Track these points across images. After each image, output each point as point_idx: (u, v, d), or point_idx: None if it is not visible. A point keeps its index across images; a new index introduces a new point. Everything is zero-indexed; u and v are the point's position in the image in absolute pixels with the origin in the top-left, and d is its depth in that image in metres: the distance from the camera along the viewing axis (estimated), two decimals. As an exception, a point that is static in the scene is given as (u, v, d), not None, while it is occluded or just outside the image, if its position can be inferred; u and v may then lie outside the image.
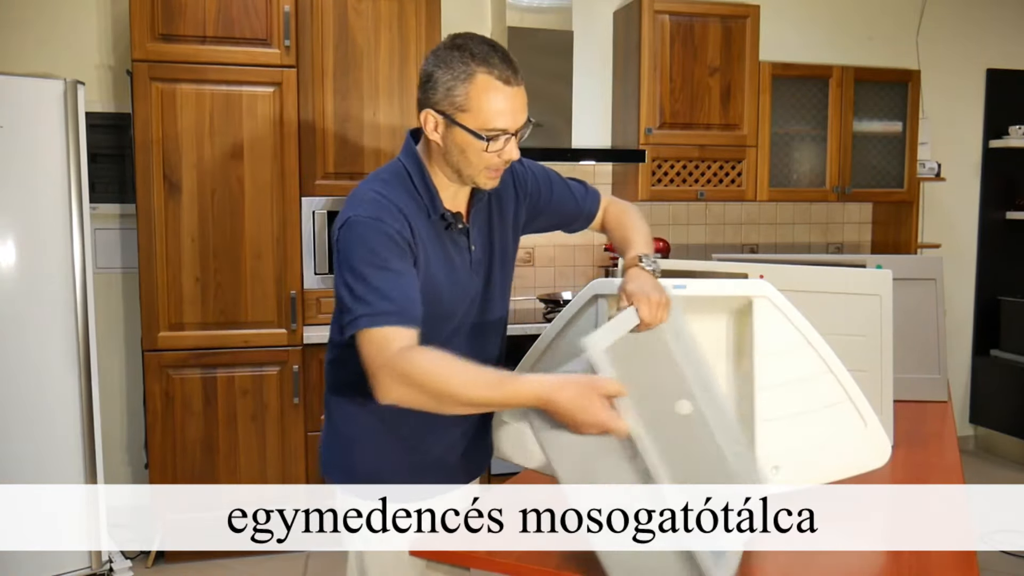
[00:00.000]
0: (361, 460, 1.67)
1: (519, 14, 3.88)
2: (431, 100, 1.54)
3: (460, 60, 1.50)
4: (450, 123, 1.53)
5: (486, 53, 1.50)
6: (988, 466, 4.80)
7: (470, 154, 1.54)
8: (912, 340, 2.47)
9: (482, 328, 1.71)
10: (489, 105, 1.50)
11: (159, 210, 3.28)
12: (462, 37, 1.53)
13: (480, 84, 1.49)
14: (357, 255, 1.48)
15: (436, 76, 1.52)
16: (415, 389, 1.40)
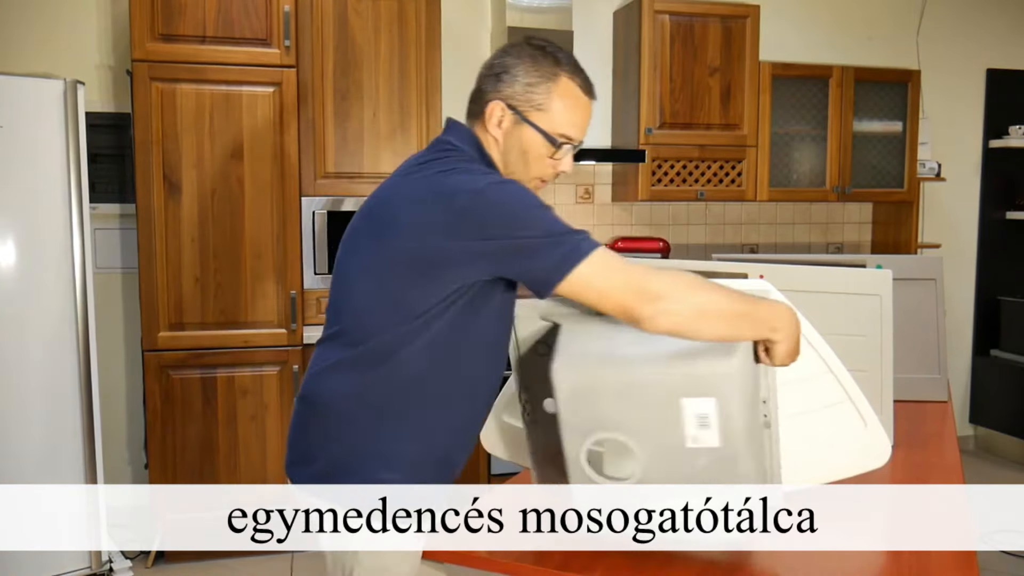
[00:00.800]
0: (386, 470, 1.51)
1: (519, 14, 3.88)
2: (504, 92, 1.49)
3: (545, 60, 1.48)
4: (520, 120, 1.49)
5: (570, 60, 1.50)
6: (988, 466, 4.80)
7: (530, 157, 1.51)
8: (912, 340, 2.47)
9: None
10: (567, 110, 1.49)
11: (159, 210, 3.28)
12: (542, 40, 1.52)
13: (564, 87, 1.48)
14: (526, 201, 1.39)
15: (516, 70, 1.48)
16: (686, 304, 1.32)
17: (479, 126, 1.54)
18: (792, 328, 1.38)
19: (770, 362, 1.39)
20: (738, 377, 1.34)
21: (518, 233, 1.36)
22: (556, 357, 1.39)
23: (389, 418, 1.48)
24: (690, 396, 1.33)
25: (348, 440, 1.50)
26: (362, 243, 1.51)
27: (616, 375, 1.37)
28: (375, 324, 1.46)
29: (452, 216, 1.36)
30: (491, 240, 1.36)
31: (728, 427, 1.34)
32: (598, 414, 1.38)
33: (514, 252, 1.36)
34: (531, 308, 1.53)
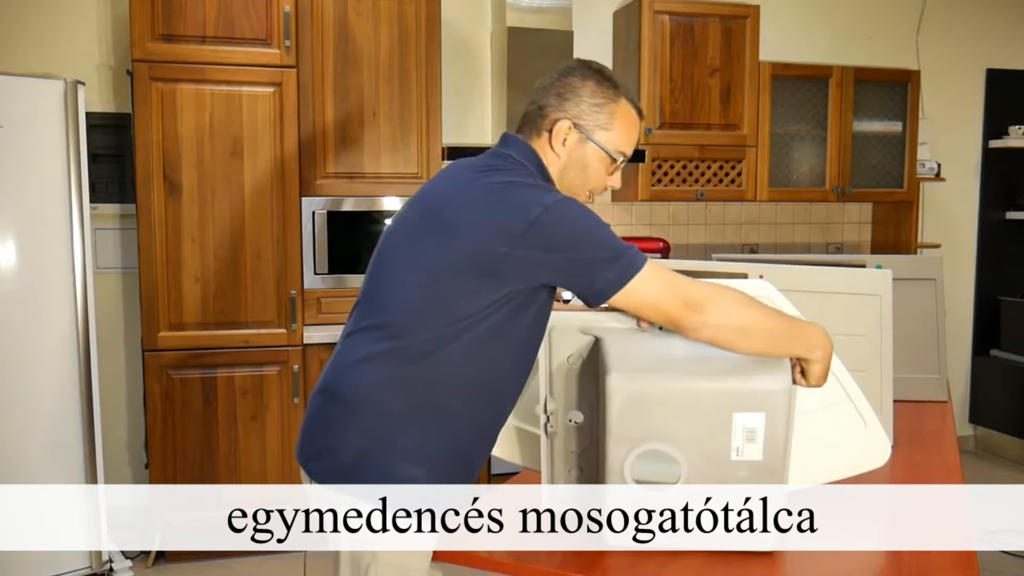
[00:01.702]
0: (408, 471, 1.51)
1: (519, 14, 3.88)
2: (571, 112, 1.59)
3: (606, 83, 1.60)
4: (585, 139, 1.59)
5: (624, 84, 1.63)
6: (988, 466, 4.80)
7: (590, 172, 1.61)
8: (912, 340, 2.47)
9: None
10: (627, 130, 1.61)
11: (159, 210, 3.28)
12: (597, 65, 1.63)
13: (624, 109, 1.61)
14: (586, 221, 1.46)
15: (582, 91, 1.59)
16: (729, 319, 1.43)
17: (538, 141, 1.62)
18: (827, 349, 1.48)
19: (805, 383, 1.48)
20: (786, 394, 1.42)
21: (584, 248, 1.45)
22: (611, 370, 1.44)
23: (418, 413, 1.50)
24: (741, 410, 1.40)
25: (374, 432, 1.50)
26: (418, 241, 1.52)
27: (671, 387, 1.42)
28: (420, 321, 1.48)
29: (522, 227, 1.42)
30: (557, 252, 1.44)
31: (771, 441, 1.42)
32: (649, 424, 1.43)
33: (578, 266, 1.45)
34: (568, 321, 1.55)
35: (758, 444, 1.41)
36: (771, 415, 1.41)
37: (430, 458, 1.51)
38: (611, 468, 1.45)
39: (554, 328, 1.56)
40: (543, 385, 1.59)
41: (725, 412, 1.41)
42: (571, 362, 1.56)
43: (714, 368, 1.43)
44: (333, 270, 3.54)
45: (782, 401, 1.41)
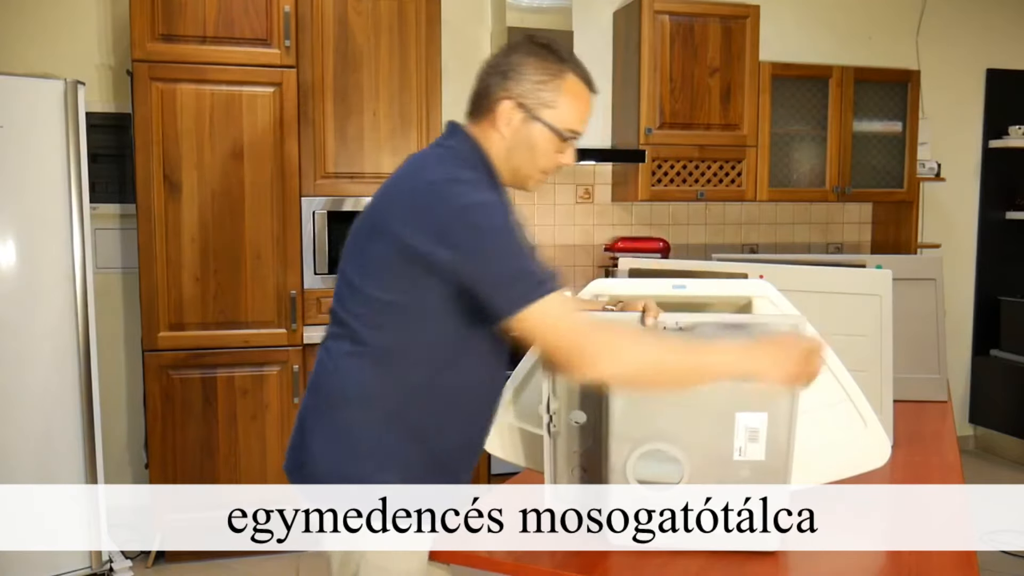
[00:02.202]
0: (380, 470, 1.51)
1: (519, 14, 3.88)
2: (513, 91, 1.53)
3: (550, 57, 1.53)
4: (530, 118, 1.53)
5: (573, 57, 1.56)
6: (988, 466, 4.80)
7: (537, 152, 1.56)
8: (912, 340, 2.47)
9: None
10: (574, 106, 1.54)
11: (159, 210, 3.28)
12: (544, 38, 1.57)
13: (570, 84, 1.53)
14: (498, 233, 1.41)
15: (524, 68, 1.52)
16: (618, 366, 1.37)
17: (483, 124, 1.57)
18: (777, 366, 1.38)
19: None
20: (789, 395, 1.42)
21: (492, 261, 1.40)
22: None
23: (392, 419, 1.50)
24: (743, 410, 1.41)
25: (347, 439, 1.51)
26: (361, 239, 1.54)
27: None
28: (375, 321, 1.49)
29: (439, 227, 1.40)
30: (468, 258, 1.40)
31: (774, 441, 1.42)
32: (652, 425, 1.43)
33: (485, 277, 1.40)
34: None
35: (760, 444, 1.41)
36: (774, 415, 1.41)
37: (406, 465, 1.51)
38: (613, 468, 1.45)
39: None
40: (546, 385, 1.59)
41: (727, 412, 1.41)
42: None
43: None
44: (333, 270, 3.54)
45: (784, 401, 1.41)
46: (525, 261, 1.41)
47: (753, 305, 1.67)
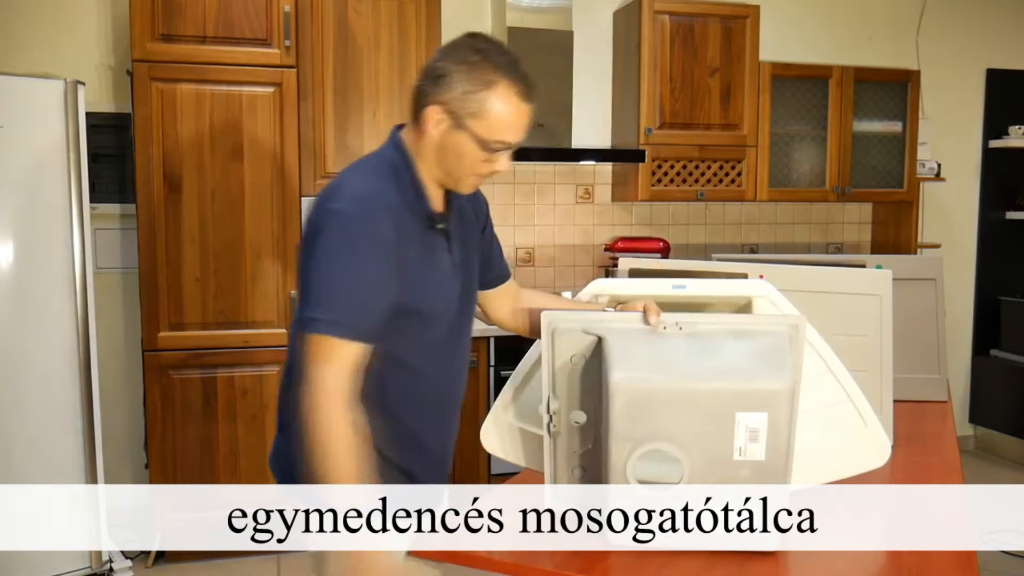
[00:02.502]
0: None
1: (519, 14, 3.88)
2: (442, 97, 1.49)
3: (483, 66, 1.48)
4: (456, 125, 1.50)
5: (508, 65, 1.49)
6: (988, 466, 4.80)
7: (467, 160, 1.53)
8: (912, 340, 2.47)
9: (463, 334, 1.70)
10: (503, 118, 1.49)
11: (159, 210, 3.28)
12: (482, 40, 1.52)
13: (499, 95, 1.48)
14: (329, 248, 1.44)
15: (453, 75, 1.48)
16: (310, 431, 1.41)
17: (417, 128, 1.56)
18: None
19: None
20: (789, 394, 1.41)
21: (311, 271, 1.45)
22: (614, 369, 1.43)
23: None
24: (744, 410, 1.40)
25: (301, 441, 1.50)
26: None
27: (673, 387, 1.42)
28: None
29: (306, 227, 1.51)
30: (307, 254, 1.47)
31: (774, 441, 1.41)
32: (652, 425, 1.42)
33: (298, 276, 1.49)
34: (571, 321, 1.55)
35: (761, 444, 1.41)
36: (774, 415, 1.41)
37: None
38: (614, 468, 1.45)
39: (557, 328, 1.56)
40: (546, 385, 1.59)
41: (728, 412, 1.41)
42: (574, 362, 1.56)
43: (717, 368, 1.43)
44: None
45: (785, 401, 1.41)
46: (336, 290, 1.42)
47: (753, 305, 1.67)
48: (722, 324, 1.50)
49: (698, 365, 1.44)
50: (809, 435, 1.62)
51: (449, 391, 1.70)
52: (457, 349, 1.69)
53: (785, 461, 1.44)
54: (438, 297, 1.60)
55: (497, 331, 3.60)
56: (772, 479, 1.43)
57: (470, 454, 3.58)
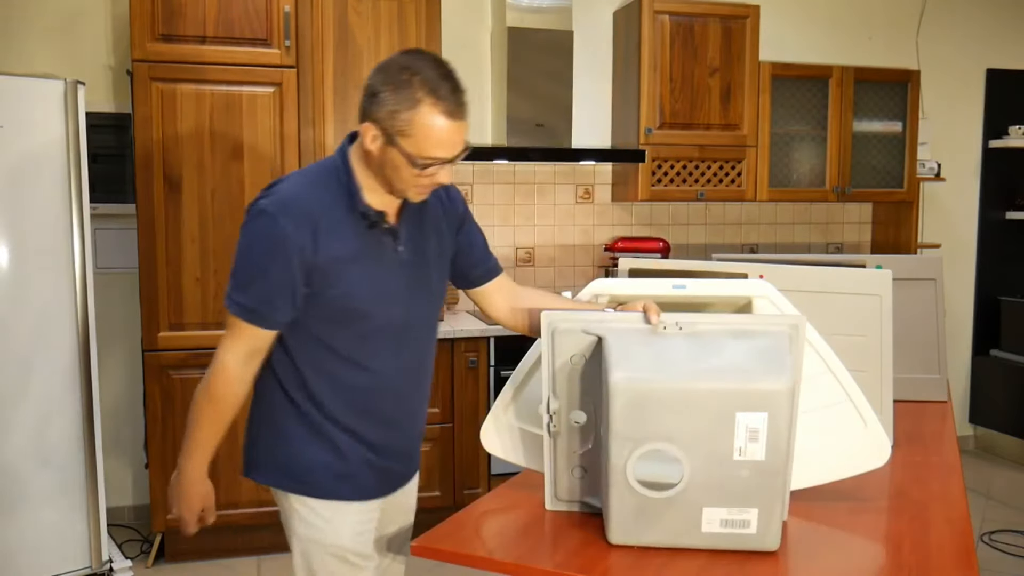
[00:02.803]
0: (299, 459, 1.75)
1: (519, 14, 3.88)
2: (374, 115, 1.54)
3: (408, 85, 1.51)
4: (389, 142, 1.54)
5: (436, 82, 1.51)
6: (988, 466, 4.80)
7: (401, 172, 1.57)
8: (912, 340, 2.47)
9: (411, 331, 1.72)
10: (430, 136, 1.52)
11: (159, 210, 3.28)
12: (414, 58, 1.55)
13: (424, 115, 1.51)
14: (245, 241, 1.58)
15: (382, 95, 1.52)
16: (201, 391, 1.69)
17: (361, 140, 1.61)
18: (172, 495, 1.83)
19: None
20: (789, 394, 1.41)
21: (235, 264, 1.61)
22: (614, 370, 1.43)
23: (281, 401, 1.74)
24: (744, 410, 1.40)
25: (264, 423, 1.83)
26: None
27: (673, 387, 1.42)
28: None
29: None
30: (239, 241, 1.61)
31: (774, 441, 1.41)
32: (652, 425, 1.43)
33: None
34: (571, 321, 1.55)
35: (761, 444, 1.41)
36: (774, 415, 1.41)
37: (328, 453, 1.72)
38: (614, 468, 1.45)
39: (557, 328, 1.57)
40: (546, 385, 1.59)
41: (728, 412, 1.41)
42: (574, 362, 1.57)
43: (717, 368, 1.43)
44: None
45: (785, 401, 1.41)
46: (245, 279, 1.58)
47: (753, 305, 1.67)
48: (722, 324, 1.50)
49: (698, 365, 1.44)
50: (809, 435, 1.62)
51: (395, 384, 1.72)
52: (405, 344, 1.71)
53: (785, 461, 1.44)
54: (371, 293, 1.63)
55: (497, 331, 3.60)
56: (772, 479, 1.43)
57: (470, 454, 3.58)
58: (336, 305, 1.61)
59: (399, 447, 1.78)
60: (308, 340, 1.65)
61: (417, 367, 1.77)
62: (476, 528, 1.63)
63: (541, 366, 1.60)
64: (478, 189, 4.15)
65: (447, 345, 3.53)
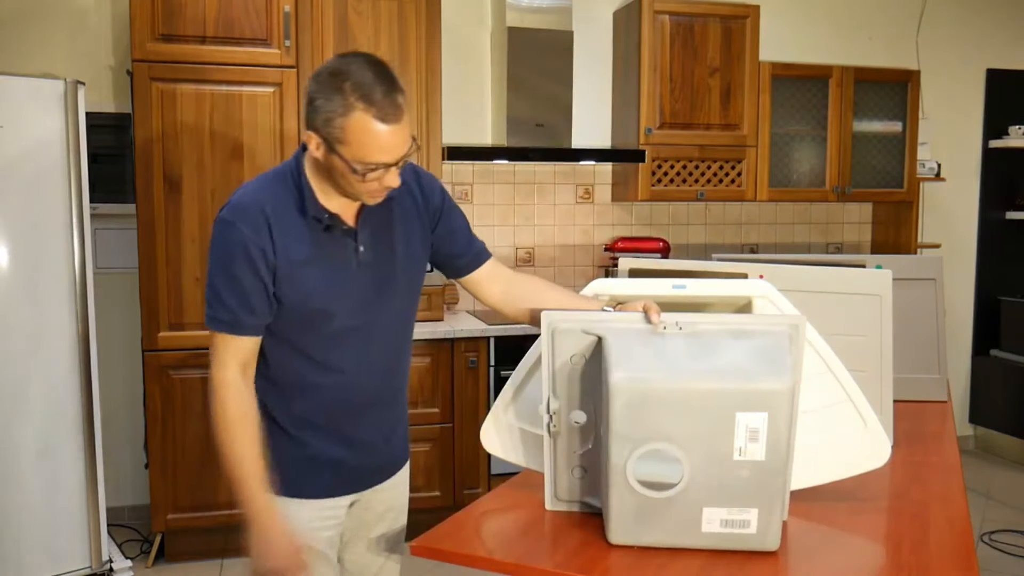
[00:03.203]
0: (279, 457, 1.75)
1: (519, 14, 3.88)
2: (312, 123, 1.53)
3: (339, 92, 1.48)
4: (329, 150, 1.53)
5: (368, 86, 1.48)
6: (988, 466, 4.80)
7: (347, 178, 1.55)
8: (912, 340, 2.47)
9: (379, 330, 1.72)
10: (366, 143, 1.50)
11: (159, 210, 3.28)
12: (347, 62, 1.51)
13: (357, 121, 1.48)
14: (217, 254, 1.60)
15: (317, 102, 1.51)
16: (214, 418, 1.66)
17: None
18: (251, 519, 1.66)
19: None
20: (789, 394, 1.41)
21: (207, 278, 1.63)
22: (614, 369, 1.43)
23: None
24: (744, 410, 1.40)
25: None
26: None
27: (673, 387, 1.42)
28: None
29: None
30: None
31: (774, 441, 1.41)
32: (652, 425, 1.43)
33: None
34: (571, 321, 1.55)
35: (761, 444, 1.41)
36: (774, 415, 1.41)
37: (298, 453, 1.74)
38: (614, 468, 1.45)
39: (557, 328, 1.57)
40: (546, 385, 1.59)
41: (728, 412, 1.41)
42: (574, 362, 1.57)
43: (717, 368, 1.43)
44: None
45: (785, 401, 1.41)
46: (219, 292, 1.59)
47: (753, 305, 1.67)
48: (722, 324, 1.50)
49: (698, 365, 1.44)
50: (809, 435, 1.62)
51: (362, 383, 1.72)
52: (371, 343, 1.71)
53: (785, 461, 1.44)
54: (330, 295, 1.63)
55: (497, 331, 3.60)
56: (772, 479, 1.43)
57: (470, 454, 3.58)
58: (297, 308, 1.62)
59: (369, 445, 1.77)
60: (273, 342, 1.66)
61: (386, 365, 1.76)
62: (476, 528, 1.63)
63: (541, 366, 1.60)
64: (478, 189, 4.15)
65: (447, 345, 3.53)
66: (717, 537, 1.46)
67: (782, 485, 1.46)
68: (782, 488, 1.46)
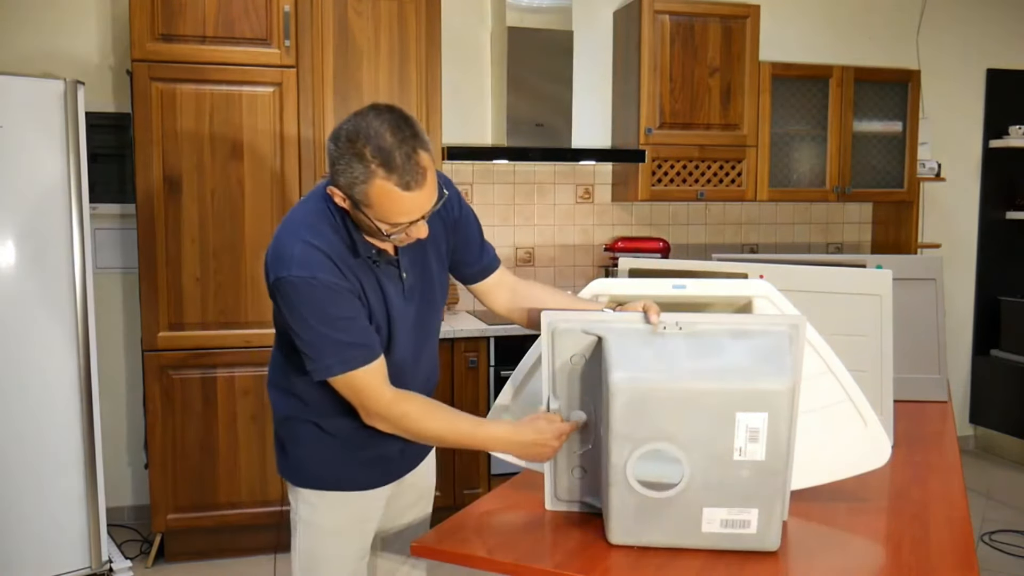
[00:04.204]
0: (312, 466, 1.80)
1: (519, 14, 3.88)
2: (336, 182, 1.53)
3: (359, 159, 1.47)
4: (355, 207, 1.54)
5: (387, 152, 1.46)
6: (988, 466, 4.80)
7: (374, 231, 1.57)
8: (912, 340, 2.47)
9: (420, 348, 1.77)
10: (389, 208, 1.50)
11: (159, 210, 3.28)
12: (365, 123, 1.48)
13: (378, 189, 1.48)
14: (306, 311, 1.56)
15: (339, 164, 1.50)
16: (408, 433, 1.64)
17: None
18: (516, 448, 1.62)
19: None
20: (789, 394, 1.41)
21: (299, 335, 1.61)
22: (614, 370, 1.44)
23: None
24: (744, 410, 1.40)
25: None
26: None
27: (674, 387, 1.42)
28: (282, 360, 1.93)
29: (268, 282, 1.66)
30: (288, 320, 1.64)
31: (774, 441, 1.41)
32: (652, 425, 1.43)
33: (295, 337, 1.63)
34: (571, 321, 1.55)
35: (761, 444, 1.41)
36: (774, 415, 1.41)
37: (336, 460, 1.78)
38: (614, 468, 1.45)
39: (557, 328, 1.57)
40: (546, 385, 1.59)
41: (728, 412, 1.41)
42: (574, 362, 1.57)
43: (717, 368, 1.43)
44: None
45: (785, 401, 1.41)
46: (332, 339, 1.56)
47: (753, 305, 1.67)
48: (722, 324, 1.50)
49: (698, 365, 1.44)
50: (809, 435, 1.62)
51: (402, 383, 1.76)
52: (419, 361, 1.77)
53: (785, 461, 1.44)
54: (390, 324, 1.67)
55: (497, 331, 3.60)
56: (772, 479, 1.43)
57: (470, 454, 3.58)
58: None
59: (399, 442, 1.78)
60: None
61: (427, 374, 1.83)
62: (476, 528, 1.63)
63: (541, 366, 1.60)
64: (478, 189, 4.15)
65: (447, 345, 3.53)
66: (717, 537, 1.46)
67: (782, 485, 1.46)
68: (782, 488, 1.46)
